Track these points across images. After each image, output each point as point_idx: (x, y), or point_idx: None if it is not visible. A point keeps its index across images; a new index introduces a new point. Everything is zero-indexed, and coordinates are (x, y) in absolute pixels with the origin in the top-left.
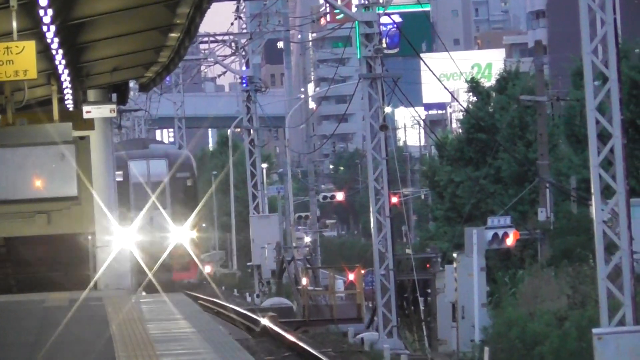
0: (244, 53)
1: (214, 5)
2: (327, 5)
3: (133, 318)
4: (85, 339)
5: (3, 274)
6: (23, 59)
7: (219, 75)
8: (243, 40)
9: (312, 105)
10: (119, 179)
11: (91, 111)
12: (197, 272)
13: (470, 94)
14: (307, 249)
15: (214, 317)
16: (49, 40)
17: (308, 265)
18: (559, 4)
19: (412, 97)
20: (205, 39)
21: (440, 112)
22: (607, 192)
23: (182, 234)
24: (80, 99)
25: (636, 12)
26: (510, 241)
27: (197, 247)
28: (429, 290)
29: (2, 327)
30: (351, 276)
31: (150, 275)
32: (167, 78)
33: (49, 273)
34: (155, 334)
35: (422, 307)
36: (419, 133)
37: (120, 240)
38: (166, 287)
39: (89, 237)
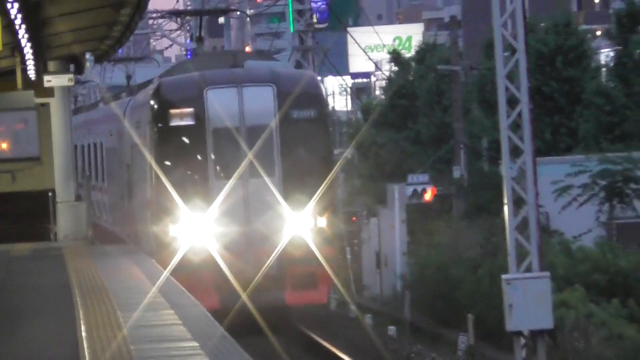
0: (188, 27)
1: None
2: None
3: (90, 267)
4: (47, 286)
5: None
6: None
7: (166, 48)
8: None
9: None
10: (188, 122)
11: (51, 80)
12: (329, 290)
13: (393, 64)
14: None
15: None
16: (12, 16)
17: None
18: None
19: (340, 67)
20: (154, 14)
21: (365, 80)
22: (515, 152)
23: (302, 222)
24: (41, 70)
25: None
26: (428, 196)
27: (330, 246)
28: (356, 241)
29: None
30: None
31: (244, 296)
32: (120, 50)
33: (13, 226)
34: (109, 281)
35: (348, 256)
36: (346, 99)
37: (190, 232)
38: (275, 315)
39: (50, 193)
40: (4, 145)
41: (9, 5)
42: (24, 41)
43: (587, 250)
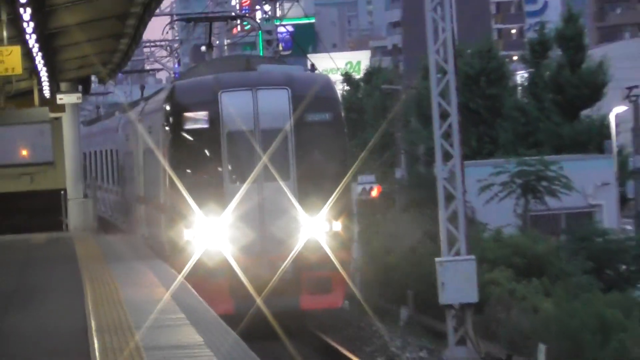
0: (176, 54)
1: (154, 18)
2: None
3: (95, 253)
4: (59, 268)
5: None
6: (11, 59)
7: (158, 71)
8: (175, 45)
9: None
10: (202, 125)
11: (63, 98)
12: (344, 294)
13: (345, 84)
14: None
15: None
16: (30, 45)
17: None
18: (411, 16)
19: None
20: (148, 44)
21: None
22: (446, 157)
23: (317, 226)
24: (54, 89)
25: (467, 22)
26: (374, 193)
27: (345, 250)
28: None
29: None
30: None
31: (259, 300)
32: (119, 73)
33: (32, 219)
34: (112, 264)
35: None
36: None
37: (204, 236)
38: (289, 320)
39: (62, 192)
40: (24, 152)
41: (27, 37)
42: (40, 66)
43: (513, 238)
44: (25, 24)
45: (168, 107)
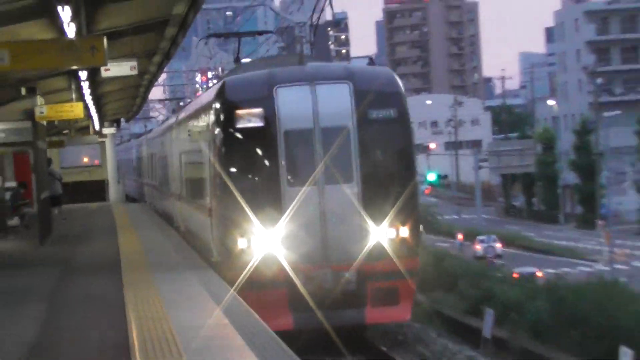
0: (168, 105)
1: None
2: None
3: (124, 210)
4: (103, 219)
5: (71, 197)
6: (77, 109)
7: (157, 116)
8: (166, 101)
9: None
10: (257, 123)
11: (105, 131)
12: (412, 306)
13: None
14: None
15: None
16: (87, 102)
17: None
18: None
19: None
20: (153, 100)
21: None
22: None
23: (383, 233)
24: (101, 125)
25: None
26: None
27: (413, 258)
28: None
29: (74, 215)
30: None
31: (318, 313)
32: (136, 116)
33: (89, 195)
34: (134, 218)
35: None
36: None
37: (260, 244)
38: (351, 335)
39: (105, 181)
40: (85, 159)
41: (86, 97)
42: (93, 113)
43: None
44: (84, 90)
45: (218, 105)
